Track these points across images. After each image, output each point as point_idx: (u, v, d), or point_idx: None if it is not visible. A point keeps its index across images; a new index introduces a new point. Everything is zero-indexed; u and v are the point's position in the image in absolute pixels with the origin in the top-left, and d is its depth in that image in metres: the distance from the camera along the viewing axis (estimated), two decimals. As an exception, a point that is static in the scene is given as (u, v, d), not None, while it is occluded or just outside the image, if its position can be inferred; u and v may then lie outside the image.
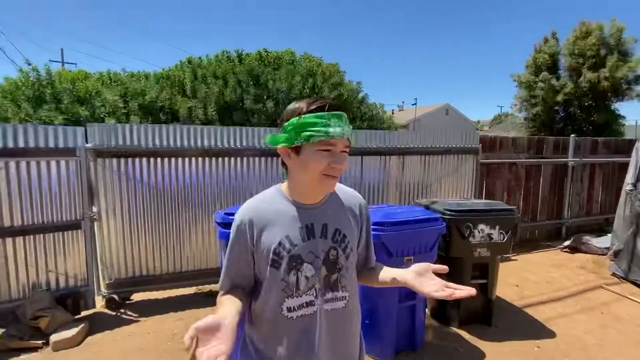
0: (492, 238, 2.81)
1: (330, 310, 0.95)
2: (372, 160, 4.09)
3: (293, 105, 0.93)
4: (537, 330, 2.88)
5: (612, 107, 12.59)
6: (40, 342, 2.57)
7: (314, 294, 0.94)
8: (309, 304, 0.94)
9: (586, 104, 12.44)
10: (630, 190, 4.43)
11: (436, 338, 2.76)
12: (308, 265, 0.94)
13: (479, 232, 2.79)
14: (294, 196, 0.98)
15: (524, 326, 2.94)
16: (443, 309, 2.98)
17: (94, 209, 3.15)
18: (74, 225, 3.04)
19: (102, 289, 3.28)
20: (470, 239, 2.77)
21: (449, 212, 2.77)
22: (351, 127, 0.94)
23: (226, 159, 3.53)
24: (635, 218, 3.97)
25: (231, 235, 0.98)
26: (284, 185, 1.02)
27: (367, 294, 2.45)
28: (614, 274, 3.99)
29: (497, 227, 2.81)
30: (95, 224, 3.18)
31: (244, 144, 3.57)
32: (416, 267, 0.94)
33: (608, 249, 4.66)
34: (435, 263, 0.96)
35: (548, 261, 4.53)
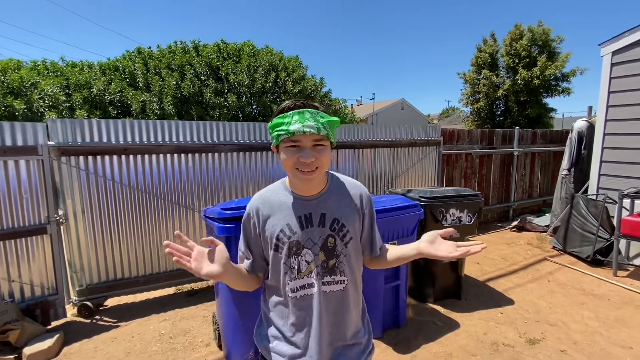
0: (461, 221, 3.12)
1: (328, 292, 1.03)
2: (346, 152, 4.26)
3: (275, 109, 1.04)
4: (499, 300, 3.27)
5: (543, 102, 14.13)
6: (12, 356, 2.36)
7: (313, 277, 1.02)
8: (310, 285, 1.03)
9: (522, 99, 13.81)
10: (566, 174, 5.11)
11: (416, 314, 3.01)
12: (307, 251, 1.02)
13: (450, 216, 3.08)
14: (293, 189, 1.06)
15: (488, 297, 3.32)
16: (420, 287, 3.26)
17: (60, 211, 2.93)
18: (38, 230, 2.80)
19: (73, 296, 3.07)
20: (443, 222, 3.05)
21: (424, 199, 3.01)
22: (322, 120, 0.94)
23: (203, 154, 3.46)
24: (569, 199, 4.60)
25: (243, 221, 1.11)
26: (287, 179, 1.10)
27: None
28: (554, 248, 4.60)
29: (466, 211, 3.12)
30: (62, 227, 2.96)
31: (220, 138, 3.52)
32: (426, 236, 1.05)
33: (548, 226, 5.34)
34: None
35: (500, 240, 5.07)
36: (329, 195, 1.06)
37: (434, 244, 1.02)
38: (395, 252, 1.14)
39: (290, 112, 0.93)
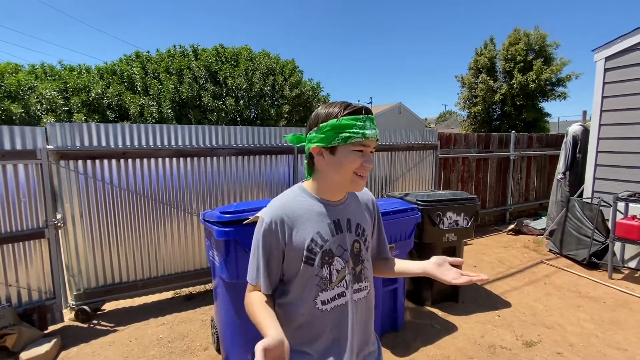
0: (458, 224, 3.14)
1: (357, 300, 1.01)
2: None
3: (326, 109, 0.97)
4: (496, 302, 3.29)
5: (539, 106, 14.28)
6: (8, 361, 2.35)
7: (345, 285, 0.99)
8: (341, 295, 0.98)
9: (518, 103, 13.95)
10: (561, 178, 5.16)
11: (414, 317, 3.02)
12: (338, 259, 0.98)
13: (447, 220, 3.11)
14: (321, 194, 1.01)
15: (485, 300, 3.34)
16: (418, 291, 3.27)
17: (59, 215, 2.93)
18: (36, 234, 2.79)
19: (70, 300, 3.06)
20: (440, 225, 3.08)
21: (421, 203, 3.04)
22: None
23: (202, 158, 3.47)
24: (565, 202, 4.64)
25: (259, 236, 0.97)
26: (306, 184, 1.04)
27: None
28: (550, 251, 4.64)
29: (462, 214, 3.15)
30: (60, 231, 2.96)
31: (219, 142, 3.54)
32: (435, 258, 1.04)
33: (544, 229, 5.38)
34: (412, 249, 1.11)
35: (497, 243, 5.10)
36: (350, 200, 1.07)
37: (441, 268, 1.01)
38: (402, 266, 1.14)
39: (363, 116, 0.93)
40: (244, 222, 2.04)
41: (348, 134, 0.92)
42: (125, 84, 10.40)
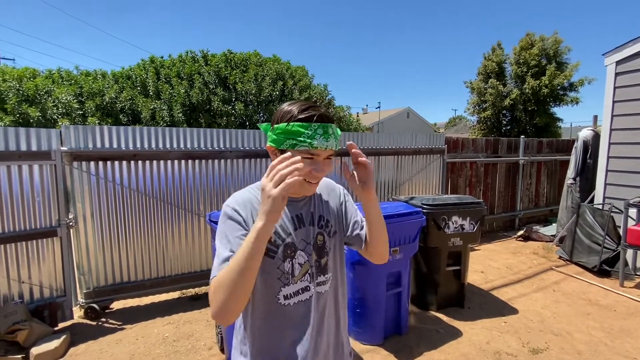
0: (464, 228, 3.12)
1: (323, 292, 1.01)
2: (350, 160, 4.30)
3: (285, 107, 0.93)
4: (503, 309, 3.24)
5: (551, 111, 14.07)
6: (19, 356, 2.42)
7: (309, 279, 0.98)
8: (305, 289, 0.97)
9: (529, 108, 13.77)
10: (572, 184, 5.08)
11: (418, 322, 3.00)
12: (301, 252, 0.98)
13: (453, 224, 3.09)
14: None
15: (492, 306, 3.29)
16: (423, 295, 3.25)
17: (71, 215, 3.01)
18: (49, 233, 2.88)
19: (80, 298, 3.13)
20: (446, 229, 3.06)
21: (426, 206, 3.03)
22: (338, 135, 0.94)
23: (209, 160, 3.54)
24: (576, 208, 4.56)
25: (223, 224, 0.93)
26: None
27: (357, 285, 2.63)
28: (560, 257, 4.55)
29: (468, 219, 3.13)
30: (72, 230, 3.04)
31: (227, 145, 3.60)
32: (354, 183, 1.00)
33: (554, 236, 5.28)
34: (416, 252, 1.05)
35: (506, 249, 5.03)
36: (314, 194, 1.07)
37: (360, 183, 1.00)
38: (368, 222, 1.06)
39: (314, 125, 0.88)
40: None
41: (295, 142, 0.88)
42: (138, 88, 10.65)
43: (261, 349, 0.97)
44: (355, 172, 1.00)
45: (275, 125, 0.92)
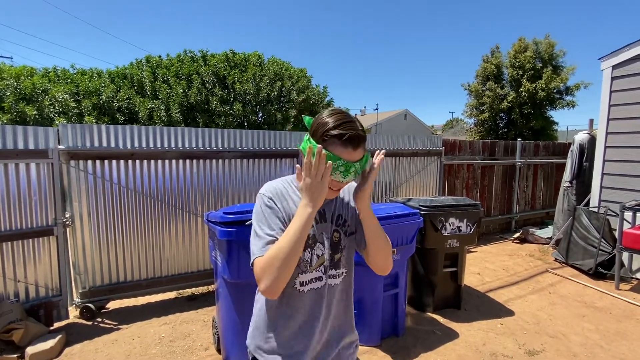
0: (461, 230, 3.14)
1: (333, 285, 1.09)
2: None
3: (324, 118, 0.97)
4: (499, 310, 3.26)
5: (547, 114, 14.16)
6: (14, 355, 2.40)
7: (322, 271, 1.06)
8: (318, 279, 1.06)
9: (526, 111, 13.85)
10: (568, 186, 5.12)
11: (415, 323, 3.01)
12: (320, 245, 1.06)
13: (450, 225, 3.10)
14: None
15: (488, 307, 3.31)
16: (419, 296, 3.26)
17: (67, 214, 3.00)
18: (45, 232, 2.86)
19: (76, 298, 3.11)
20: (443, 231, 3.07)
21: (424, 208, 3.04)
22: (360, 169, 0.99)
23: (207, 160, 3.53)
24: (572, 211, 4.59)
25: (261, 209, 1.01)
26: (298, 176, 1.08)
27: (355, 286, 2.63)
28: (556, 260, 4.58)
29: (465, 220, 3.14)
30: (68, 229, 3.02)
31: (225, 145, 3.60)
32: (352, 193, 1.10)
33: (550, 238, 5.32)
34: (413, 254, 1.11)
35: (502, 251, 5.06)
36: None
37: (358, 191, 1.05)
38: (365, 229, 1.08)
39: (340, 162, 0.93)
40: (247, 223, 2.07)
41: (333, 165, 0.93)
42: (135, 87, 10.61)
43: (272, 326, 1.05)
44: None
45: (313, 137, 0.97)
